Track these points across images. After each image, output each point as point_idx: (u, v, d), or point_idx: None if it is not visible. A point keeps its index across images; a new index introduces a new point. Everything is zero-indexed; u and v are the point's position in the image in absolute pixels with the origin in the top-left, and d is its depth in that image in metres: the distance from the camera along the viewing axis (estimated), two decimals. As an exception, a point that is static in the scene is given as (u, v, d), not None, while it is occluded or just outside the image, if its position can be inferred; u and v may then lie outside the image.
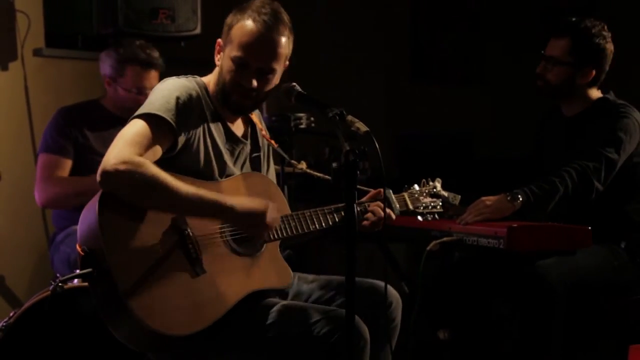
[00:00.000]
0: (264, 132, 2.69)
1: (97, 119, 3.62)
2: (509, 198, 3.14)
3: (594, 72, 3.34)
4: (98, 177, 2.25)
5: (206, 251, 2.35)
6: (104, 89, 3.68)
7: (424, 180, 2.92)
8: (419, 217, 2.87)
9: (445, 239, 3.10)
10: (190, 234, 2.33)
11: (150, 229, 2.29)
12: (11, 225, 4.07)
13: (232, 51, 2.45)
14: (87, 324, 2.88)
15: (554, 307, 3.06)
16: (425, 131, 6.25)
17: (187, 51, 4.15)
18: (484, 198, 3.17)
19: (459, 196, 2.94)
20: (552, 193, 3.14)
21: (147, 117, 2.35)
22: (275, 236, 2.50)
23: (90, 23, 4.00)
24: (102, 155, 3.54)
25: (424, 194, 2.88)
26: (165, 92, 2.40)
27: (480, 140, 6.57)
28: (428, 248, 3.08)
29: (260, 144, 2.68)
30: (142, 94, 3.55)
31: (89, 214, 2.29)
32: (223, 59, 2.49)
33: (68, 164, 3.54)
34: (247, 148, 2.60)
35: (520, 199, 3.13)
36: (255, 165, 2.64)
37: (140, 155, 2.27)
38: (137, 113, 2.37)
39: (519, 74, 4.55)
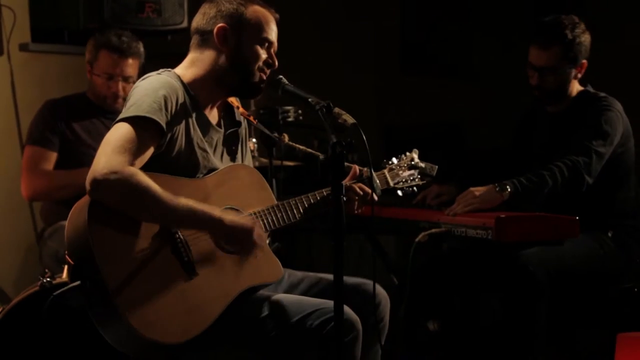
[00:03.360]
0: (241, 110, 2.68)
1: (82, 111, 3.62)
2: (497, 189, 3.15)
3: (585, 63, 3.39)
4: (87, 186, 2.22)
5: (197, 252, 2.34)
6: (88, 80, 3.68)
7: (402, 154, 2.90)
8: (399, 192, 2.85)
9: (433, 230, 3.11)
10: (181, 236, 2.32)
11: (141, 235, 2.27)
12: (-1, 221, 4.07)
13: (257, 35, 2.48)
14: (77, 318, 2.87)
15: (537, 296, 3.07)
16: (415, 122, 6.26)
17: (174, 45, 4.14)
18: (472, 189, 3.18)
19: (436, 166, 2.91)
20: (540, 186, 3.16)
21: (135, 120, 2.30)
22: (263, 229, 2.49)
23: (77, 17, 3.99)
24: (88, 146, 3.54)
25: (403, 168, 2.85)
26: (151, 91, 2.36)
27: (470, 131, 6.59)
28: (417, 239, 3.08)
29: (237, 119, 2.66)
30: (111, 80, 3.55)
31: (78, 221, 2.26)
32: (240, 45, 2.47)
33: (53, 156, 3.54)
34: (222, 135, 2.59)
35: (509, 190, 3.14)
36: (232, 144, 2.62)
37: (131, 163, 2.25)
38: (123, 115, 2.32)
39: (509, 65, 4.57)
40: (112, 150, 2.25)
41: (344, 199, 2.19)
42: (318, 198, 2.58)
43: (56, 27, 4.15)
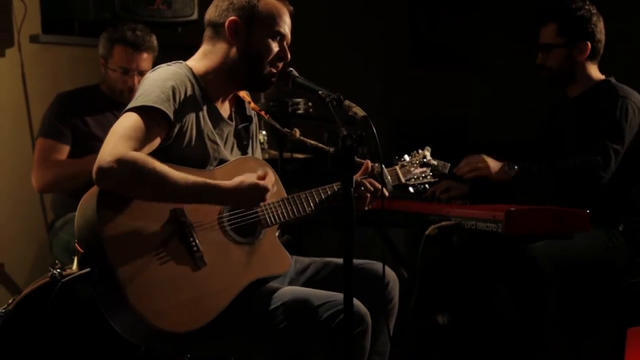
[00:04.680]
0: (252, 105, 2.68)
1: (95, 104, 3.62)
2: (506, 168, 3.20)
3: (589, 45, 3.38)
4: (94, 175, 2.22)
5: (206, 242, 2.34)
6: (102, 74, 3.68)
7: (414, 151, 2.91)
8: (410, 189, 2.85)
9: (443, 223, 3.10)
10: (190, 225, 2.33)
11: (150, 224, 2.28)
12: (10, 213, 4.08)
13: (269, 28, 2.46)
14: (86, 310, 2.88)
15: (545, 289, 3.07)
16: (424, 116, 6.24)
17: (184, 37, 4.14)
18: (484, 155, 3.19)
19: (449, 164, 2.92)
20: (548, 177, 3.16)
21: (142, 110, 2.30)
22: (273, 221, 2.50)
23: (87, 9, 3.99)
24: (101, 140, 3.55)
25: (415, 165, 2.86)
26: (159, 82, 2.36)
27: (479, 124, 6.56)
28: (426, 233, 3.07)
29: (249, 114, 2.66)
30: (127, 74, 3.55)
31: (87, 210, 2.27)
32: (251, 39, 2.46)
33: (65, 149, 3.54)
34: (234, 128, 2.59)
35: (516, 169, 3.18)
36: (244, 139, 2.62)
37: (136, 150, 2.25)
38: (131, 105, 2.33)
39: (518, 59, 4.56)
40: (118, 138, 2.25)
41: (356, 194, 2.18)
42: (329, 192, 2.58)
43: (67, 19, 4.16)
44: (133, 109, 2.31)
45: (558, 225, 3.05)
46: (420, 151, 2.90)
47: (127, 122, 2.29)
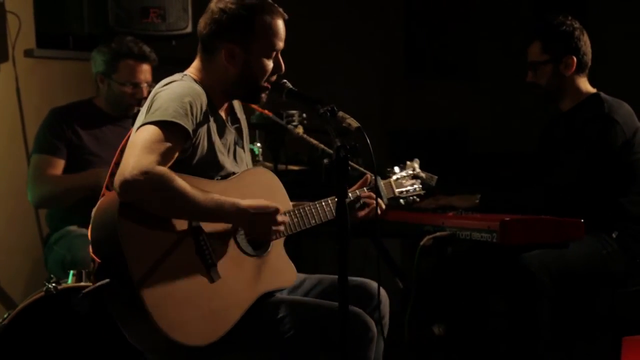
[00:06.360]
0: (252, 105, 2.72)
1: (90, 118, 3.62)
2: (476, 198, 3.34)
3: (574, 59, 3.40)
4: (117, 188, 2.21)
5: (220, 254, 2.36)
6: (96, 88, 3.68)
7: (404, 163, 2.94)
8: (401, 201, 2.89)
9: (438, 233, 3.11)
10: (205, 238, 2.34)
11: (168, 235, 2.29)
12: (5, 227, 4.07)
13: (265, 50, 2.47)
14: (82, 324, 2.88)
15: (540, 297, 3.08)
16: (420, 127, 6.26)
17: (178, 50, 4.15)
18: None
19: (436, 177, 2.96)
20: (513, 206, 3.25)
21: (162, 124, 2.29)
22: (281, 234, 2.52)
23: (81, 23, 3.99)
24: (96, 154, 3.54)
25: (406, 177, 2.91)
26: (176, 97, 2.35)
27: (475, 135, 6.58)
28: (421, 243, 3.08)
29: (238, 117, 2.68)
30: (137, 87, 3.56)
31: (105, 220, 2.27)
32: (248, 62, 2.47)
33: (61, 163, 3.53)
34: (232, 134, 2.60)
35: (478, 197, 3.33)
36: (238, 142, 2.63)
37: (159, 164, 2.24)
38: (149, 119, 2.31)
39: (513, 69, 4.56)
40: (140, 151, 2.24)
41: (358, 204, 2.17)
42: (332, 205, 2.61)
43: (61, 33, 4.16)
44: (152, 123, 2.30)
45: (553, 235, 3.06)
46: (409, 163, 2.94)
47: (147, 135, 2.28)
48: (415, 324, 3.32)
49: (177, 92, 2.38)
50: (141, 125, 2.31)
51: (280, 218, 2.40)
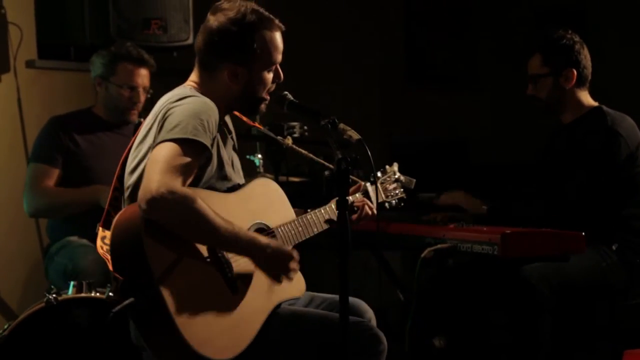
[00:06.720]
0: (246, 119, 2.72)
1: (88, 126, 3.63)
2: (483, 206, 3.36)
3: (574, 72, 3.42)
4: (143, 205, 2.19)
5: (237, 267, 2.37)
6: (94, 95, 3.69)
7: (386, 167, 2.96)
8: (386, 205, 2.90)
9: (439, 246, 3.11)
10: (224, 252, 2.34)
11: (190, 254, 2.29)
12: (5, 236, 4.07)
13: (266, 65, 2.48)
14: (82, 335, 2.87)
15: (540, 310, 3.09)
16: (420, 137, 6.26)
17: (180, 61, 4.15)
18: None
19: (414, 180, 2.98)
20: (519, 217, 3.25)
21: (183, 142, 2.28)
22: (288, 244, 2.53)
23: (83, 34, 4.01)
24: (93, 161, 3.53)
25: (389, 181, 2.93)
26: (193, 113, 2.34)
27: (476, 146, 6.58)
28: (422, 255, 3.08)
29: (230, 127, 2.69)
30: (134, 90, 3.57)
31: (127, 236, 2.25)
32: (251, 80, 2.48)
33: (55, 173, 3.54)
34: (231, 143, 2.61)
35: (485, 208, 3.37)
36: (233, 153, 2.64)
37: (183, 183, 2.25)
38: (169, 136, 2.29)
39: (515, 80, 4.58)
40: (164, 168, 2.23)
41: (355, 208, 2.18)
42: (330, 211, 2.63)
43: (62, 44, 4.17)
44: (172, 140, 2.29)
45: (553, 248, 3.07)
46: (389, 167, 2.96)
47: (170, 152, 2.26)
48: (416, 336, 3.31)
49: (194, 108, 2.37)
50: (161, 142, 2.30)
51: (292, 265, 2.40)
